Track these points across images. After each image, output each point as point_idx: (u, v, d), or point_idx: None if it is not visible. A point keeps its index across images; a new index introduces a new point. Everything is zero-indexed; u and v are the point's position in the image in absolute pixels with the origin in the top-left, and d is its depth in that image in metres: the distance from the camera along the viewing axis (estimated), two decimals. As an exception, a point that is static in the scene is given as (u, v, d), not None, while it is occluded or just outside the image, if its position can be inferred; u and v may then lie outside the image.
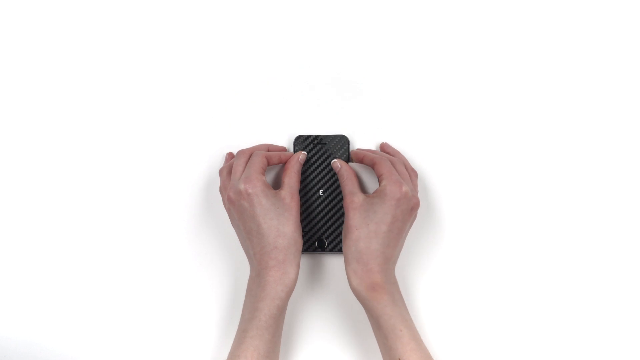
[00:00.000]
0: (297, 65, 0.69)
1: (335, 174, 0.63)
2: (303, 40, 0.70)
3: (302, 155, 0.62)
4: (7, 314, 0.61)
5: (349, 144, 0.65)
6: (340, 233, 0.62)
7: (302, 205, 0.62)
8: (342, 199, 0.62)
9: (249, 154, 0.60)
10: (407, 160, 0.64)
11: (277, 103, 0.68)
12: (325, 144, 0.65)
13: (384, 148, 0.65)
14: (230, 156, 0.65)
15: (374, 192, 0.57)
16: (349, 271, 0.55)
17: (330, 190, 0.63)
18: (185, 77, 0.69)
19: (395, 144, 0.66)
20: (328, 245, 0.61)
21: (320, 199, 0.63)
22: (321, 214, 0.62)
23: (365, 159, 0.61)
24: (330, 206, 0.63)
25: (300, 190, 0.62)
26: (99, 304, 0.61)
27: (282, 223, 0.55)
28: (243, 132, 0.66)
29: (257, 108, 0.68)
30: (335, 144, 0.65)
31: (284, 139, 0.66)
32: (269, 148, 0.64)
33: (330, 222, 0.62)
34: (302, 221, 0.62)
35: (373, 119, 0.67)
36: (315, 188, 0.63)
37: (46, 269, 0.63)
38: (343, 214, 0.62)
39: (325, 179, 0.63)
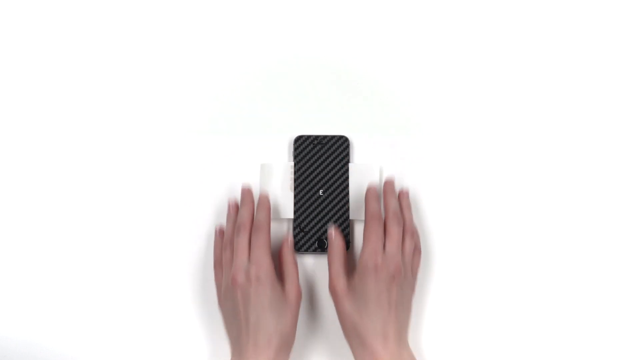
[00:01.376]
0: (297, 65, 0.69)
1: (335, 174, 0.64)
2: (303, 40, 0.70)
3: (290, 240, 0.59)
4: (7, 314, 0.61)
5: (349, 145, 0.65)
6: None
7: (302, 206, 0.62)
8: (342, 199, 0.63)
9: (250, 227, 0.58)
10: (410, 216, 0.60)
11: (277, 103, 0.68)
12: (325, 144, 0.65)
13: (386, 193, 0.60)
14: (235, 208, 0.61)
15: (355, 269, 0.56)
16: (356, 358, 0.54)
17: (330, 191, 0.63)
18: (184, 77, 0.69)
19: (396, 143, 0.66)
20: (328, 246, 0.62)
21: (320, 199, 0.63)
22: (321, 214, 0.62)
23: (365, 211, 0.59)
24: (330, 206, 0.63)
25: (301, 190, 0.63)
26: (98, 304, 0.61)
27: (280, 322, 0.54)
28: (243, 132, 0.66)
29: (257, 108, 0.68)
30: (335, 144, 0.65)
31: (284, 139, 0.66)
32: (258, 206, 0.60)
33: (330, 223, 0.62)
34: (302, 221, 0.62)
35: (373, 119, 0.67)
36: (315, 188, 0.63)
37: (45, 269, 0.62)
38: (343, 214, 0.62)
39: (325, 179, 0.64)
